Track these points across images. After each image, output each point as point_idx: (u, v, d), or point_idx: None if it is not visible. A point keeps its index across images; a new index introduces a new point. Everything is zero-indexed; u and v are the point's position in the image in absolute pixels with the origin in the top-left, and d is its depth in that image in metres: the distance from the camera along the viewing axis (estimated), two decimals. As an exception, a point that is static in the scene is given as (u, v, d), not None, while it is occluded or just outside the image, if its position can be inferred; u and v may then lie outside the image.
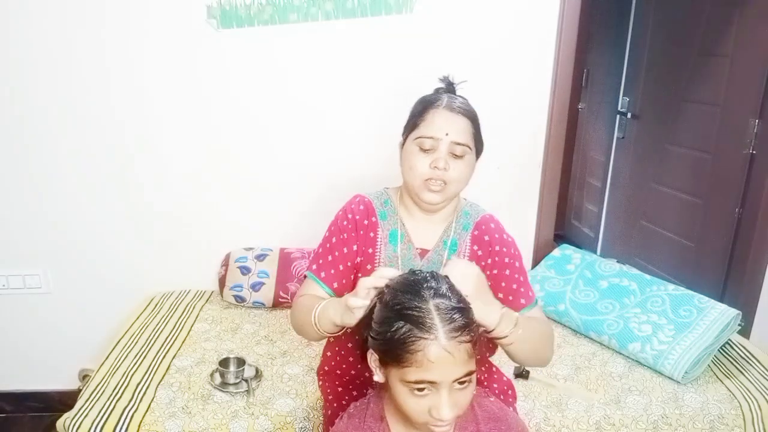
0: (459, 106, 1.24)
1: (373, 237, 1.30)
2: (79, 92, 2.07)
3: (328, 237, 1.33)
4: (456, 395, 0.92)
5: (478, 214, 1.35)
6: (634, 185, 3.04)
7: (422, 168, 1.21)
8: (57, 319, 2.31)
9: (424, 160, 1.21)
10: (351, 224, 1.30)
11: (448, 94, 1.27)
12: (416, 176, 1.22)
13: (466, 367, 0.91)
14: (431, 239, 1.32)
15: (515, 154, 2.25)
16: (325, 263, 1.30)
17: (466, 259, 1.29)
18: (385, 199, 1.34)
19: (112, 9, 2.00)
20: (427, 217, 1.31)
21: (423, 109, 1.25)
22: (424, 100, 1.27)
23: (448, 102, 1.24)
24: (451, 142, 1.21)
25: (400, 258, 1.30)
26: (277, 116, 2.16)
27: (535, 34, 2.12)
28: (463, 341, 0.91)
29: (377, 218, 1.31)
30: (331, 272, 1.29)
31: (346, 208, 1.33)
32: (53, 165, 2.14)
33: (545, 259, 2.29)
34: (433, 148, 1.21)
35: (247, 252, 2.22)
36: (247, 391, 1.63)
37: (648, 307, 1.90)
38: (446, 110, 1.22)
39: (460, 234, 1.32)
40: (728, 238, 2.26)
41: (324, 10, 2.04)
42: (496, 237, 1.31)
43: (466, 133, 1.23)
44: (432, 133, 1.21)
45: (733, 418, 1.60)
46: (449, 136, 1.21)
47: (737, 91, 2.27)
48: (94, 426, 1.48)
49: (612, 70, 3.31)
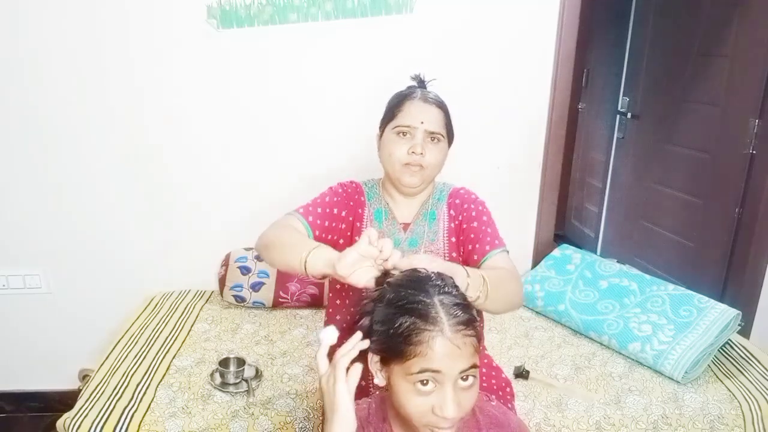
0: (432, 98, 1.37)
1: (361, 213, 1.43)
2: (79, 93, 2.07)
3: (322, 195, 1.43)
4: (460, 395, 0.92)
5: (450, 187, 1.48)
6: (634, 185, 3.04)
7: (400, 153, 1.33)
8: (57, 319, 2.31)
9: (402, 146, 1.33)
10: (344, 192, 1.43)
11: (423, 90, 1.39)
12: (395, 161, 1.34)
13: (470, 360, 0.91)
14: (412, 214, 1.44)
15: (515, 154, 2.25)
16: (315, 213, 1.36)
17: (444, 223, 1.42)
18: (372, 184, 1.48)
19: (112, 9, 2.00)
20: (408, 199, 1.43)
21: (399, 101, 1.36)
22: (399, 94, 1.39)
23: (422, 94, 1.36)
24: (426, 131, 1.33)
25: (385, 233, 1.41)
26: (277, 116, 2.16)
27: (535, 34, 2.12)
28: (467, 335, 0.91)
29: (365, 198, 1.45)
30: (317, 222, 1.35)
31: (336, 184, 1.46)
32: (53, 165, 2.14)
33: (545, 259, 2.29)
34: (410, 135, 1.33)
35: (247, 252, 2.22)
36: (247, 391, 1.63)
37: (648, 307, 1.90)
38: (420, 101, 1.35)
39: (436, 205, 1.44)
40: (728, 238, 2.26)
41: (324, 10, 2.04)
42: (466, 197, 1.44)
43: (439, 122, 1.35)
44: (409, 122, 1.33)
45: (733, 418, 1.60)
46: (424, 124, 1.32)
47: (737, 91, 2.27)
48: (94, 426, 1.48)
49: (612, 70, 3.31)
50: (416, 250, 1.39)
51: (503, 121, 2.18)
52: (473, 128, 2.18)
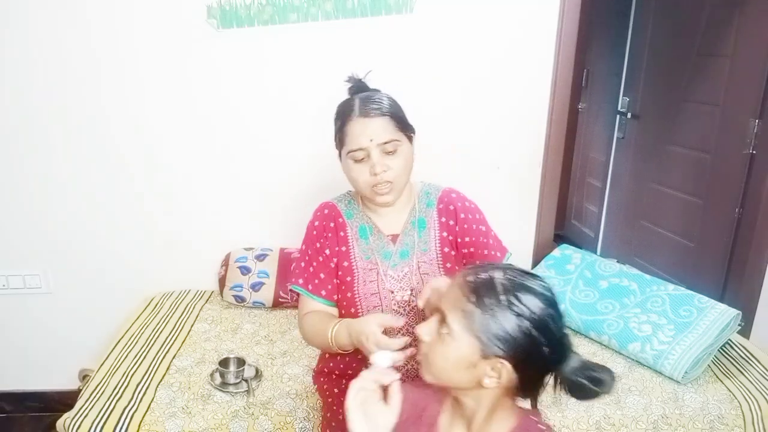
0: (372, 108, 1.25)
1: (343, 236, 1.37)
2: (79, 94, 2.07)
3: (304, 250, 1.40)
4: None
5: (439, 189, 1.41)
6: (634, 185, 3.04)
7: (364, 178, 1.26)
8: (57, 319, 2.31)
9: (363, 169, 1.26)
10: (318, 231, 1.38)
11: (359, 97, 1.28)
12: (362, 187, 1.28)
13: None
14: (399, 224, 1.38)
15: (515, 154, 2.25)
16: (309, 275, 1.37)
17: (436, 231, 1.37)
18: (349, 200, 1.41)
19: (112, 9, 2.00)
20: (389, 209, 1.37)
21: (342, 124, 1.28)
22: (339, 113, 1.30)
23: (360, 108, 1.25)
24: (378, 145, 1.24)
25: (374, 248, 1.36)
26: (277, 116, 2.16)
27: (535, 35, 2.12)
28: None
29: (344, 218, 1.38)
30: (315, 282, 1.37)
31: (312, 218, 1.41)
32: (53, 166, 2.15)
33: (545, 259, 2.29)
34: (366, 156, 1.25)
35: (247, 252, 2.22)
36: (247, 391, 1.63)
37: (648, 307, 1.90)
38: (360, 118, 1.24)
39: (425, 212, 1.38)
40: (728, 238, 2.26)
41: (324, 10, 2.04)
42: (460, 205, 1.37)
43: (388, 129, 1.25)
44: (357, 144, 1.24)
45: (733, 418, 1.60)
46: (374, 140, 1.24)
47: (737, 91, 2.27)
48: (94, 426, 1.48)
49: (612, 70, 3.31)
50: (408, 261, 1.35)
51: (503, 121, 2.18)
52: (473, 128, 2.19)
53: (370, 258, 1.35)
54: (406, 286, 1.34)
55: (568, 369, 0.89)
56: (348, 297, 1.35)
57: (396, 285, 1.34)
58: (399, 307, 1.34)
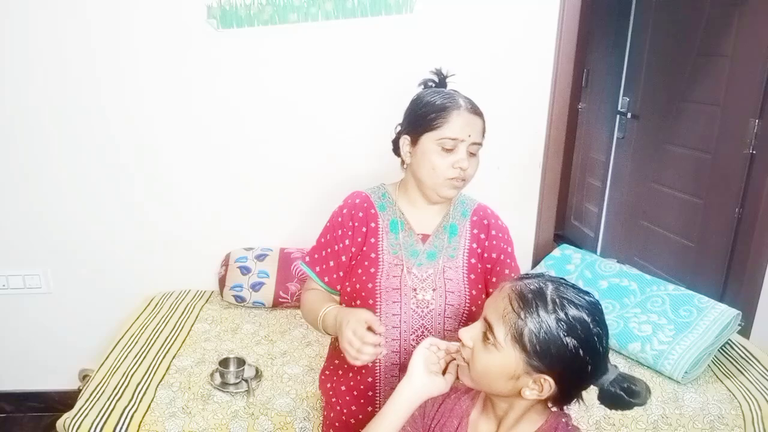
0: (477, 108, 1.31)
1: (374, 227, 1.36)
2: (79, 93, 2.07)
3: (324, 232, 1.41)
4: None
5: (474, 202, 1.44)
6: (634, 185, 3.04)
7: (445, 168, 1.27)
8: (57, 319, 2.31)
9: (446, 160, 1.27)
10: (344, 219, 1.36)
11: (459, 94, 1.31)
12: (439, 175, 1.28)
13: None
14: (431, 225, 1.38)
15: (515, 154, 2.25)
16: (320, 258, 1.39)
17: (466, 240, 1.38)
18: (383, 193, 1.41)
19: (112, 9, 2.00)
20: (429, 207, 1.37)
21: (443, 111, 1.27)
22: (443, 101, 1.28)
23: (467, 103, 1.29)
24: (471, 143, 1.27)
25: (402, 245, 1.35)
26: (277, 116, 2.16)
27: (536, 34, 2.12)
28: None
29: (376, 210, 1.37)
30: (324, 267, 1.38)
31: (343, 203, 1.39)
32: (54, 166, 2.14)
33: (545, 259, 2.29)
34: (454, 149, 1.26)
35: (247, 252, 2.22)
36: (247, 391, 1.63)
37: (648, 307, 1.90)
38: (467, 112, 1.27)
39: (459, 220, 1.39)
40: (728, 238, 2.26)
41: (324, 10, 2.04)
42: (493, 222, 1.40)
43: (482, 132, 1.31)
44: (456, 134, 1.26)
45: (733, 418, 1.60)
46: (471, 137, 1.27)
47: (737, 91, 2.27)
48: (94, 426, 1.48)
49: (612, 70, 3.31)
50: (434, 263, 1.34)
51: (503, 121, 2.17)
52: (473, 128, 2.19)
53: (397, 253, 1.34)
54: (428, 287, 1.33)
55: (606, 381, 0.91)
56: (368, 288, 1.33)
57: (419, 284, 1.33)
58: (418, 306, 1.33)
